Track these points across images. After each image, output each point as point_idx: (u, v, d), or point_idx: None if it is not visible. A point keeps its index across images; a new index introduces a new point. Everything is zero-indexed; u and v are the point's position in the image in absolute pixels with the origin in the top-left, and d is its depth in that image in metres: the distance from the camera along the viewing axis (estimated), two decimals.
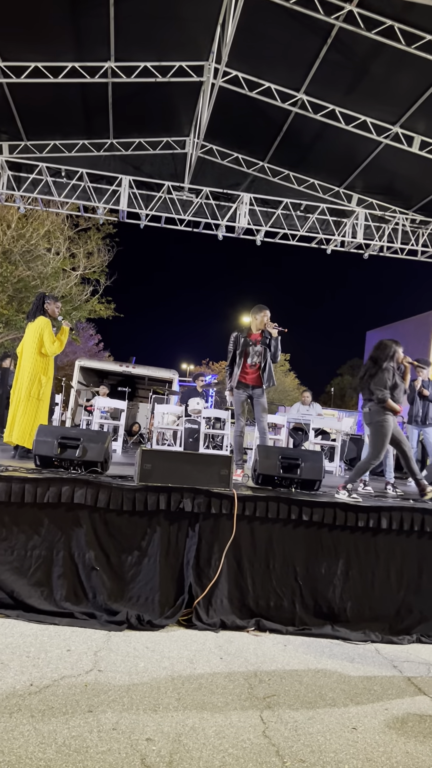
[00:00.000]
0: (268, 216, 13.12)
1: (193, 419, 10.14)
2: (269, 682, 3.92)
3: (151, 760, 2.86)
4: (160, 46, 9.65)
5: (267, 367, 6.78)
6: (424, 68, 8.77)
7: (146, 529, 4.96)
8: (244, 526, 5.14)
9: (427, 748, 3.28)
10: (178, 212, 12.78)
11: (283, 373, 49.23)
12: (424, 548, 5.30)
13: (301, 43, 9.00)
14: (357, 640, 4.92)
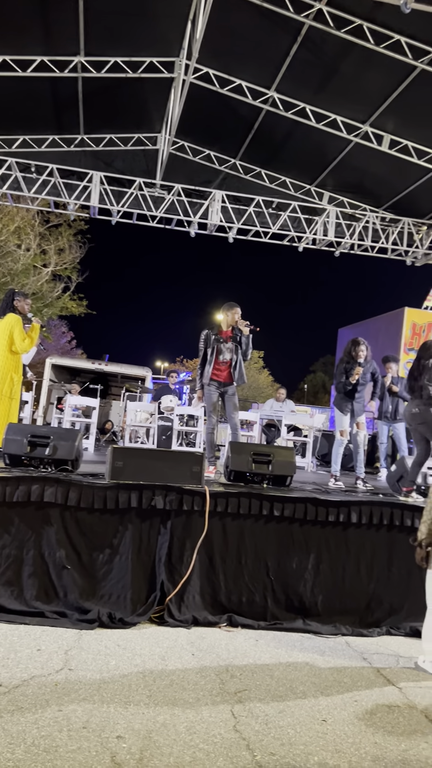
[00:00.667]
0: (240, 213, 13.14)
1: (166, 416, 10.13)
2: (240, 676, 3.94)
3: (121, 758, 2.86)
4: (131, 42, 9.59)
5: (238, 365, 6.79)
6: (393, 68, 8.87)
7: (118, 527, 4.95)
8: (216, 522, 5.16)
9: (395, 738, 3.33)
10: (150, 209, 12.74)
11: (256, 371, 49.39)
12: (394, 542, 5.37)
13: (272, 40, 9.03)
14: (328, 633, 4.98)
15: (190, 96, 9.92)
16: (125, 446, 8.61)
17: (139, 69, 10.02)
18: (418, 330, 17.56)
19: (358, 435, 7.11)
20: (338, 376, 7.02)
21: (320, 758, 3.04)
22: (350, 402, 6.96)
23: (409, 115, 10.21)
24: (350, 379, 6.82)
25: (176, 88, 10.34)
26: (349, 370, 6.88)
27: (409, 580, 5.26)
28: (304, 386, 59.13)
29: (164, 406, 10.24)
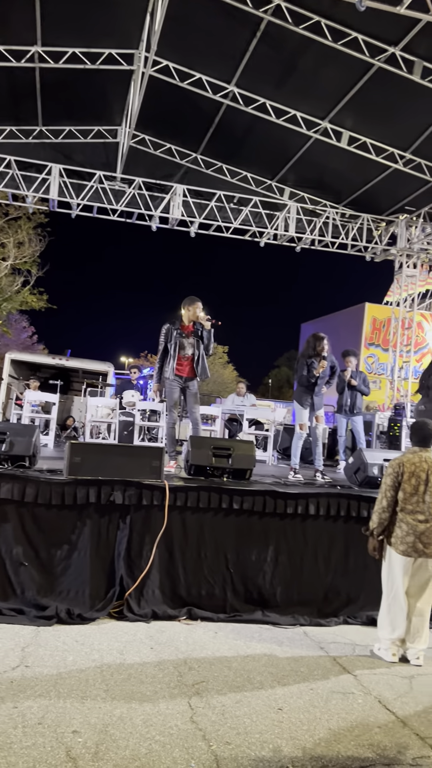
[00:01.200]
0: (202, 208, 13.12)
1: (127, 412, 10.07)
2: (199, 669, 3.96)
3: (76, 752, 2.85)
4: (89, 33, 9.48)
5: (200, 360, 6.79)
6: (351, 65, 8.97)
7: (76, 523, 4.92)
8: (176, 516, 5.17)
9: (349, 724, 3.40)
10: (110, 202, 12.62)
11: (221, 366, 49.41)
12: (351, 532, 5.46)
13: (231, 35, 9.03)
14: (286, 624, 5.04)
15: (150, 89, 9.85)
16: (83, 442, 8.54)
17: (98, 60, 9.90)
18: (378, 325, 17.87)
19: (317, 428, 7.19)
20: (300, 369, 7.08)
21: (275, 745, 3.09)
22: (310, 396, 7.05)
23: (367, 112, 10.34)
24: (315, 372, 6.90)
25: (136, 80, 10.26)
26: (311, 364, 6.95)
27: (366, 570, 5.35)
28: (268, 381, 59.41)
29: (126, 402, 10.18)
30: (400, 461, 4.47)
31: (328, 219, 13.52)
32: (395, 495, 4.42)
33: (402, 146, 11.00)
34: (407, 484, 4.38)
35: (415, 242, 13.66)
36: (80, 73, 10.09)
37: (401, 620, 4.38)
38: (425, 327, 17.92)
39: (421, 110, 9.84)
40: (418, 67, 8.79)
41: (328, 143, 11.02)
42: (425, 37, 8.23)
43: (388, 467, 4.53)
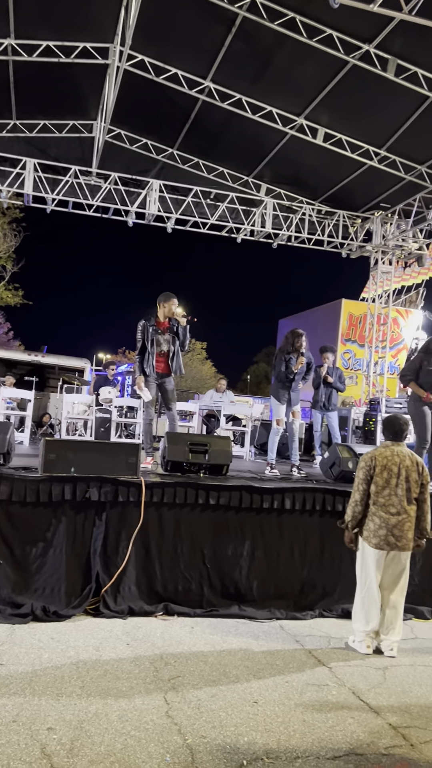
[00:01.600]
0: (179, 203, 13.09)
1: (104, 408, 10.03)
2: (175, 664, 3.98)
3: (51, 749, 2.85)
4: (63, 26, 9.38)
5: (176, 356, 6.79)
6: (326, 62, 9.00)
7: (51, 520, 4.89)
8: (152, 512, 5.17)
9: (323, 715, 3.44)
10: (86, 197, 12.52)
11: (200, 362, 49.36)
12: (326, 526, 5.51)
13: (207, 30, 9.01)
14: (263, 618, 5.08)
15: (125, 83, 9.79)
16: (59, 438, 8.50)
17: (72, 54, 9.81)
18: (355, 321, 17.99)
19: (294, 423, 7.23)
20: (278, 365, 7.09)
21: (250, 738, 3.12)
22: (287, 391, 7.07)
23: (343, 109, 10.39)
24: (293, 368, 6.93)
25: (111, 74, 10.19)
26: (289, 360, 6.98)
27: (341, 564, 5.42)
28: (247, 377, 59.56)
29: (102, 398, 10.14)
30: (372, 455, 4.53)
31: (305, 215, 13.57)
32: (368, 489, 4.48)
33: (377, 143, 11.09)
34: (379, 477, 4.44)
35: (390, 239, 13.77)
36: (54, 66, 9.98)
37: (375, 613, 4.44)
38: (401, 323, 18.09)
39: (396, 108, 9.92)
40: (392, 65, 8.86)
41: (303, 140, 11.06)
42: (399, 34, 8.29)
43: (360, 461, 4.59)
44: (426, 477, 4.55)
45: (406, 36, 8.29)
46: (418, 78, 8.96)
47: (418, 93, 9.21)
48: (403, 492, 4.42)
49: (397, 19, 7.74)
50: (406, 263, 15.80)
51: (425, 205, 12.55)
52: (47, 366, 14.60)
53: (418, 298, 19.23)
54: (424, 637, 4.99)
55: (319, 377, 8.75)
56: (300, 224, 13.62)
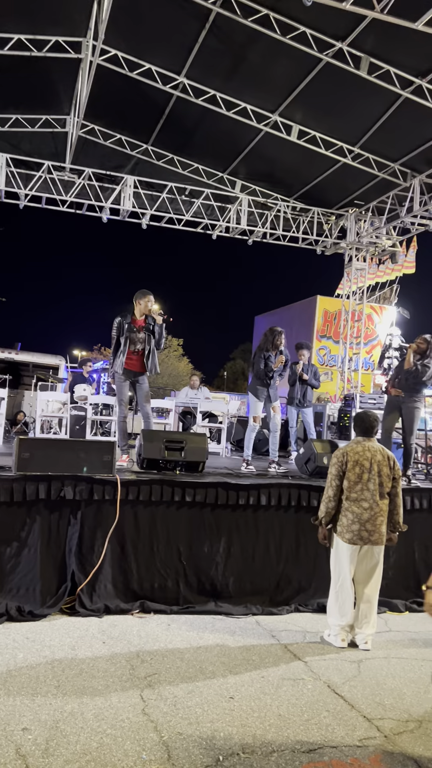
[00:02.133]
0: (153, 199, 13.02)
1: (79, 406, 9.97)
2: (151, 661, 3.98)
3: (26, 749, 2.83)
4: (35, 19, 9.24)
5: (151, 354, 6.76)
6: (300, 59, 9.01)
7: (26, 519, 4.85)
8: (128, 510, 5.16)
9: (298, 709, 3.47)
10: (59, 193, 12.39)
11: (176, 359, 49.29)
12: (301, 522, 5.55)
13: (181, 26, 8.95)
14: (239, 614, 5.10)
15: (99, 78, 9.70)
16: (32, 437, 8.42)
17: (45, 48, 9.68)
18: (330, 317, 18.12)
19: (273, 419, 7.25)
20: (257, 363, 7.09)
21: (226, 733, 3.13)
22: (266, 389, 7.07)
23: (316, 107, 10.42)
24: (272, 366, 6.96)
25: (84, 69, 10.08)
26: (268, 357, 7.00)
27: (317, 559, 5.46)
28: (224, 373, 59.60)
29: (78, 396, 10.07)
30: (344, 451, 4.57)
31: (280, 212, 13.60)
32: (340, 484, 4.52)
33: (350, 141, 11.14)
34: (351, 473, 4.48)
35: (364, 236, 13.88)
36: (26, 60, 9.84)
37: (349, 607, 4.49)
38: (375, 319, 18.28)
39: (369, 105, 9.98)
40: (365, 63, 8.91)
41: (278, 137, 11.07)
42: (371, 33, 8.33)
43: (333, 457, 4.63)
44: (398, 471, 4.61)
45: (379, 34, 8.34)
46: (391, 76, 9.02)
47: (390, 91, 9.28)
48: (375, 487, 4.48)
49: (369, 18, 7.78)
50: (380, 260, 15.96)
51: (398, 203, 12.66)
52: (21, 363, 14.47)
53: (392, 295, 19.46)
54: (398, 629, 5.07)
55: (294, 374, 8.80)
56: (275, 221, 13.65)
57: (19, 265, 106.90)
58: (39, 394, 9.61)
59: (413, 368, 6.63)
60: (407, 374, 6.70)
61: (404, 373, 6.76)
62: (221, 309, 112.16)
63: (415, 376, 6.60)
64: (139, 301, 6.69)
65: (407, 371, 6.71)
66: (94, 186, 12.55)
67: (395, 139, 10.83)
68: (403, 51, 8.64)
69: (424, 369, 6.57)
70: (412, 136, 10.65)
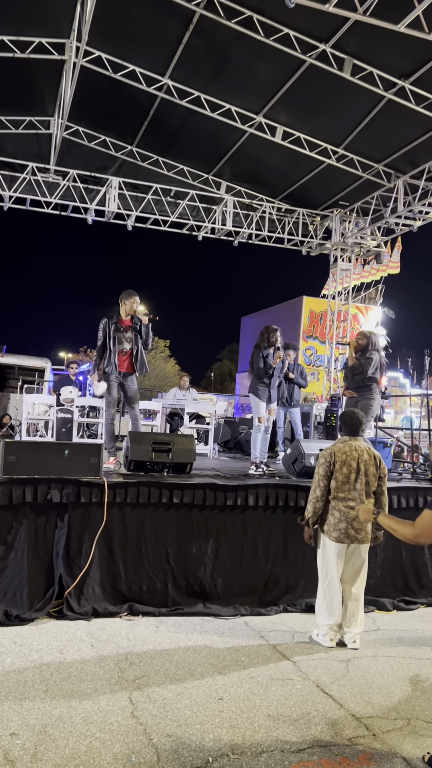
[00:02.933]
0: (139, 201, 13.02)
1: (66, 408, 9.92)
2: (140, 664, 3.97)
3: (14, 755, 2.81)
4: (18, 20, 9.21)
5: (139, 354, 6.74)
6: (283, 60, 9.05)
7: (12, 523, 4.82)
8: (116, 512, 5.14)
9: (287, 709, 3.48)
10: (44, 195, 12.35)
11: (163, 360, 49.23)
12: (289, 522, 5.56)
13: (164, 27, 8.97)
14: (227, 615, 5.10)
15: (83, 80, 9.69)
16: (18, 440, 8.37)
17: (28, 49, 9.65)
18: (316, 318, 18.20)
19: (268, 420, 7.22)
20: (256, 362, 7.03)
21: (216, 735, 3.13)
22: (267, 388, 7.02)
23: (301, 108, 10.47)
24: (272, 363, 6.93)
25: (68, 70, 10.06)
26: (267, 356, 6.96)
27: (304, 558, 5.47)
28: (210, 374, 59.61)
29: (64, 398, 10.02)
30: (331, 451, 4.59)
31: (265, 213, 13.65)
32: (328, 484, 4.53)
33: (335, 142, 11.21)
34: (339, 473, 4.50)
35: (349, 236, 13.95)
36: (9, 61, 9.80)
37: (337, 606, 4.50)
38: (360, 319, 18.35)
39: (352, 107, 10.04)
40: (348, 64, 8.96)
41: (262, 138, 11.11)
42: (354, 34, 8.38)
43: (320, 457, 4.64)
44: (383, 470, 4.63)
45: (362, 36, 8.40)
46: (374, 78, 9.08)
47: (374, 92, 9.34)
48: (362, 486, 4.50)
49: (352, 20, 7.83)
50: (365, 260, 16.03)
51: (383, 203, 12.75)
52: (6, 366, 14.37)
53: (377, 295, 19.54)
54: (386, 628, 5.09)
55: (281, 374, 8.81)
56: (260, 222, 13.69)
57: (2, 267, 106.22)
58: (25, 396, 9.55)
59: (357, 364, 6.86)
60: (353, 371, 6.92)
61: (350, 370, 6.99)
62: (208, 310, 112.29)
63: (360, 372, 6.82)
64: (125, 302, 6.68)
65: (352, 368, 6.94)
66: (79, 187, 12.53)
67: (379, 141, 10.91)
68: (386, 53, 8.71)
69: (367, 362, 6.78)
70: (395, 137, 10.74)
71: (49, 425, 9.56)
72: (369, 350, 6.87)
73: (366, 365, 6.76)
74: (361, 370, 6.80)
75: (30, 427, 9.79)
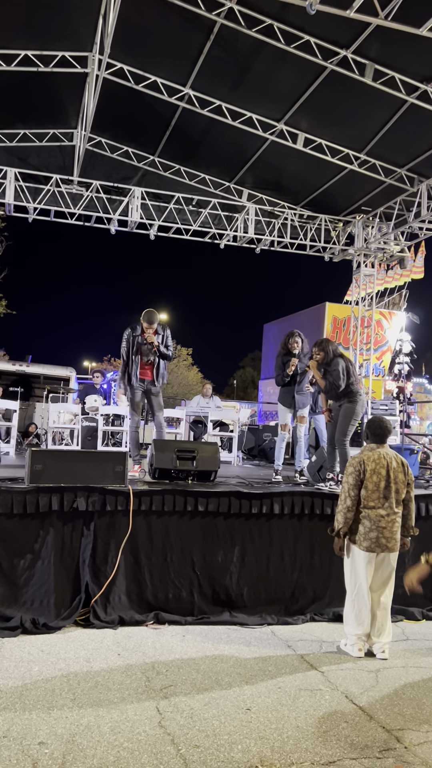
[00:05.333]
0: (161, 210, 13.08)
1: (90, 417, 9.99)
2: (167, 673, 3.95)
3: (43, 764, 2.82)
4: (41, 35, 9.35)
5: (160, 365, 6.80)
6: (304, 67, 9.03)
7: (39, 531, 4.85)
8: (141, 521, 5.15)
9: (316, 720, 3.43)
10: (68, 206, 12.47)
11: (185, 368, 49.37)
12: (315, 530, 5.52)
13: (185, 38, 9.02)
14: (254, 624, 5.07)
15: (105, 92, 9.78)
16: (45, 449, 8.43)
17: (51, 63, 9.78)
18: (339, 324, 18.08)
19: (298, 429, 7.16)
20: (277, 369, 7.00)
21: (244, 746, 3.10)
22: (291, 395, 6.95)
23: (322, 114, 10.44)
24: (287, 370, 6.85)
25: (90, 83, 10.17)
26: (285, 362, 6.91)
27: (331, 567, 5.41)
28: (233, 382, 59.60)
29: (89, 407, 10.10)
30: (360, 459, 4.53)
31: (287, 220, 13.61)
32: (359, 493, 4.47)
33: (356, 147, 11.15)
34: (369, 481, 4.45)
35: (372, 242, 13.85)
36: (34, 75, 9.95)
37: (366, 615, 4.44)
38: (384, 325, 18.22)
39: (374, 112, 9.98)
40: (369, 70, 8.91)
41: (284, 145, 11.09)
42: (376, 40, 8.34)
43: (348, 467, 4.59)
44: (411, 477, 4.57)
45: (383, 41, 8.35)
46: (396, 82, 9.03)
47: (395, 97, 9.28)
48: (392, 494, 4.44)
49: (373, 25, 7.80)
50: (389, 266, 15.91)
51: (406, 208, 12.63)
52: (32, 375, 14.52)
53: (401, 300, 19.39)
54: (415, 638, 5.01)
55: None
56: (282, 229, 13.66)
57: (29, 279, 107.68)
58: (50, 405, 9.63)
59: (327, 384, 6.26)
60: (328, 392, 6.34)
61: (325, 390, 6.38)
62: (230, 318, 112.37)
63: (334, 388, 6.19)
64: (143, 321, 6.67)
65: (326, 390, 6.34)
66: (102, 198, 12.63)
67: (401, 145, 10.82)
68: (408, 57, 8.64)
69: (335, 376, 6.16)
70: (418, 141, 10.64)
71: (75, 434, 9.63)
72: (330, 359, 6.26)
73: (335, 380, 6.14)
74: (334, 386, 6.18)
75: (55, 435, 9.86)
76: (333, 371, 6.16)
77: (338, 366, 6.17)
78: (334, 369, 6.16)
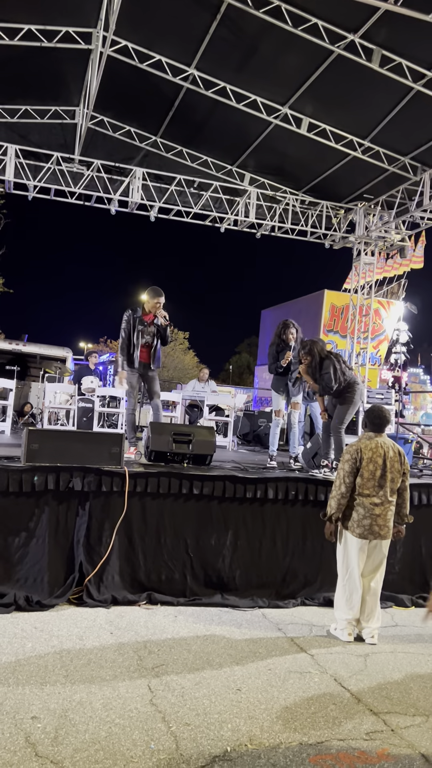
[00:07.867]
0: (162, 192, 12.99)
1: (86, 398, 9.98)
2: (158, 652, 4.00)
3: (36, 737, 2.86)
4: (46, 9, 9.21)
5: (156, 349, 6.79)
6: (311, 51, 8.95)
7: (34, 510, 4.87)
8: (136, 502, 5.18)
9: (305, 701, 3.49)
10: (68, 185, 12.37)
11: (182, 351, 49.30)
12: (308, 516, 5.56)
13: (191, 17, 8.90)
14: (245, 606, 5.12)
15: (109, 69, 9.66)
16: (41, 428, 8.45)
17: (55, 38, 9.65)
18: (337, 312, 18.06)
19: (292, 415, 7.19)
20: (270, 357, 7.03)
21: (234, 725, 3.15)
22: (284, 383, 7.01)
23: (327, 99, 10.35)
24: (281, 362, 6.86)
25: (94, 60, 10.05)
26: (279, 352, 6.93)
27: (323, 553, 5.47)
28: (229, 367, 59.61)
29: (85, 388, 10.09)
30: (357, 447, 4.56)
31: (288, 205, 13.55)
32: (354, 481, 4.51)
33: (361, 134, 11.08)
34: (365, 470, 4.48)
35: (373, 230, 13.81)
36: (36, 51, 9.81)
37: (356, 601, 4.49)
38: (382, 314, 18.22)
39: (380, 98, 9.91)
40: (376, 55, 8.84)
41: (288, 129, 11.01)
42: (384, 25, 8.25)
43: (345, 454, 4.61)
44: (407, 466, 4.61)
45: (391, 26, 8.27)
46: (403, 69, 8.95)
47: (402, 84, 9.21)
48: (387, 483, 4.47)
49: (382, 10, 7.72)
50: (389, 254, 15.88)
51: (408, 197, 12.59)
52: (28, 355, 14.49)
53: (400, 290, 19.38)
54: (404, 624, 5.07)
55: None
56: (284, 214, 13.60)
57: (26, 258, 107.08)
58: (46, 385, 9.63)
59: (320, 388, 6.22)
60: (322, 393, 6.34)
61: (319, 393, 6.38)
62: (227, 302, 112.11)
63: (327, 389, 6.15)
64: (149, 299, 6.66)
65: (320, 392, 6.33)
66: (103, 178, 12.53)
67: (406, 133, 10.76)
68: (416, 43, 8.57)
69: (326, 379, 6.10)
70: (423, 129, 10.58)
71: (71, 414, 9.63)
72: (318, 362, 6.19)
73: (328, 383, 6.07)
74: (327, 388, 6.13)
75: (51, 415, 9.87)
76: (324, 374, 6.13)
77: (329, 369, 6.10)
78: (326, 372, 6.11)
